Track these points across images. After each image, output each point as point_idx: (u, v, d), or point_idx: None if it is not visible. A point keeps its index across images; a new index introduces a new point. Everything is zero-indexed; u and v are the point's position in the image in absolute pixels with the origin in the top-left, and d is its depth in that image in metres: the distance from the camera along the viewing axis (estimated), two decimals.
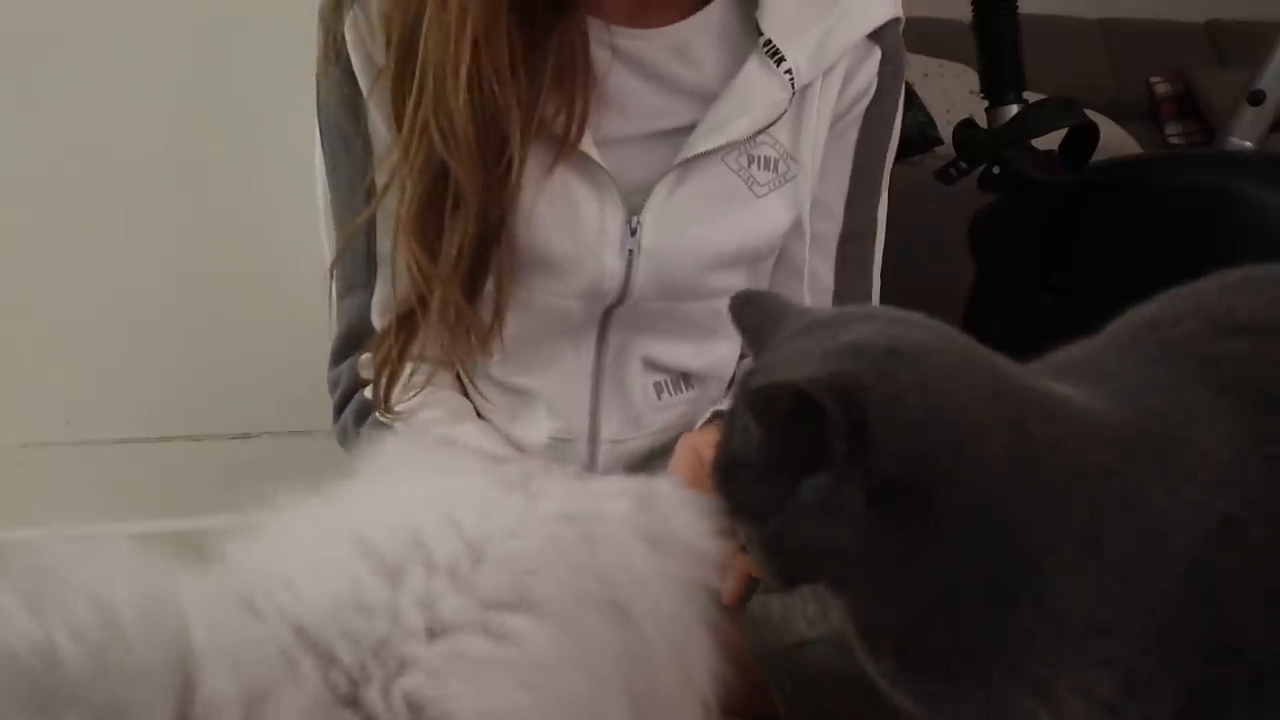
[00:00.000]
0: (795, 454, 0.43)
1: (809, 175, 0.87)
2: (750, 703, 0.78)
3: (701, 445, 0.76)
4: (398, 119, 0.78)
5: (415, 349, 0.83)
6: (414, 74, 0.76)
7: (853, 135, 0.91)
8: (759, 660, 0.79)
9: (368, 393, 0.87)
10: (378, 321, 0.88)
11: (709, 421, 0.88)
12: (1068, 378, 0.48)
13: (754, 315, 0.54)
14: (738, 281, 0.88)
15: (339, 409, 0.91)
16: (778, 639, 0.78)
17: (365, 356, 0.88)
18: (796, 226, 0.89)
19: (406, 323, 0.82)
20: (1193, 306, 0.51)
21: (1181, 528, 0.43)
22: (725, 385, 0.95)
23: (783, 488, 0.44)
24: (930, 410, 0.42)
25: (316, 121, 0.88)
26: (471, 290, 0.80)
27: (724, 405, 0.90)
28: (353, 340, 0.90)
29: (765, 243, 0.88)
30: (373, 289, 0.88)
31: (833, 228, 0.93)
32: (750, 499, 0.46)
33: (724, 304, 0.87)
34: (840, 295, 0.94)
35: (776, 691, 0.78)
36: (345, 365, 0.90)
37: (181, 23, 1.52)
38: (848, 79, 0.88)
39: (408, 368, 0.84)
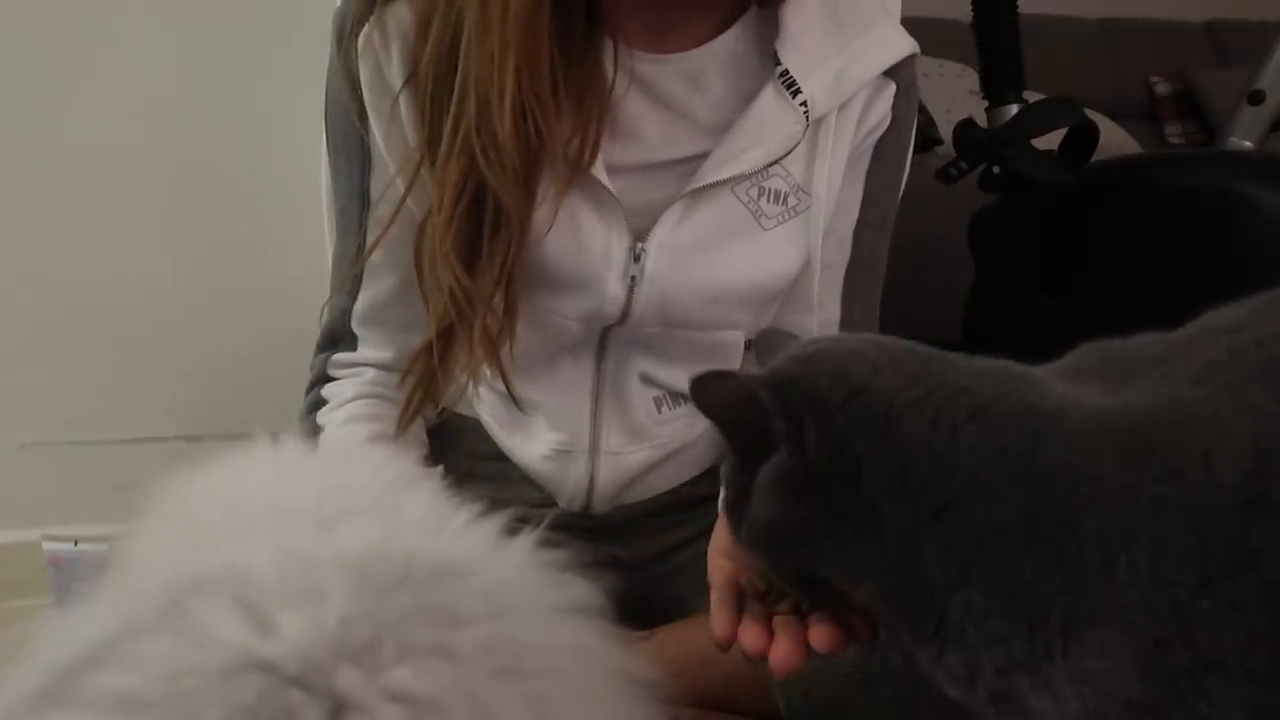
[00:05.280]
0: (751, 451, 0.48)
1: (821, 209, 0.85)
2: (738, 699, 0.78)
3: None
4: (432, 137, 0.78)
5: (457, 364, 0.83)
6: (451, 93, 0.76)
7: (864, 165, 0.90)
8: None
9: (324, 391, 0.91)
10: (356, 327, 0.90)
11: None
12: (1085, 378, 0.47)
13: (765, 351, 0.57)
14: (739, 317, 0.87)
15: (305, 397, 0.94)
16: None
17: (338, 356, 0.91)
18: (807, 263, 0.88)
19: (445, 339, 0.82)
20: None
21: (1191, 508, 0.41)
22: None
23: (748, 487, 0.48)
24: (847, 393, 0.46)
25: (324, 128, 0.89)
26: (511, 307, 0.81)
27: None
28: (330, 338, 0.92)
29: (771, 280, 0.86)
30: (356, 294, 0.89)
31: (841, 258, 0.92)
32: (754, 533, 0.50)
33: (723, 336, 0.89)
34: (845, 324, 0.92)
35: (776, 686, 0.78)
36: (318, 359, 0.93)
37: (187, 27, 1.52)
38: (864, 113, 0.86)
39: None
